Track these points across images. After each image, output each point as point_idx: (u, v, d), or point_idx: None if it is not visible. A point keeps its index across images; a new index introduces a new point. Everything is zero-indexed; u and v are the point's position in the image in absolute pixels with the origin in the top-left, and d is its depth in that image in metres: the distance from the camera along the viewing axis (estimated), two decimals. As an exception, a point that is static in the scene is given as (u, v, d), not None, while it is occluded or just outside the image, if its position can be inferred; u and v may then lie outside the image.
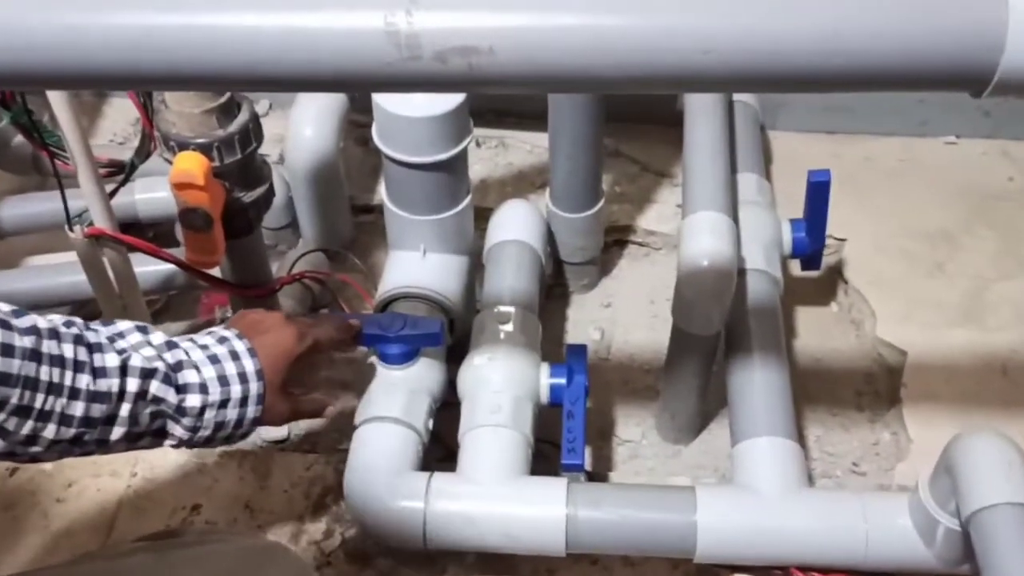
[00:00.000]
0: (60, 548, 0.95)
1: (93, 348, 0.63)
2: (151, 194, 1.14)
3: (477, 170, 1.35)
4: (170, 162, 0.83)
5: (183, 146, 0.83)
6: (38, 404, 0.60)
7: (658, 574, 0.93)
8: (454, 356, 1.00)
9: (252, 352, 0.73)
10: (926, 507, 0.78)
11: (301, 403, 0.80)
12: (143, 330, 0.69)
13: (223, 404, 0.71)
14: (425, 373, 0.95)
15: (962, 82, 0.52)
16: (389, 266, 1.03)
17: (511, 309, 0.99)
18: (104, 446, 0.66)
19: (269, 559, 0.68)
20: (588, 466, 1.04)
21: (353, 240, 1.26)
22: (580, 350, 0.98)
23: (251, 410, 0.73)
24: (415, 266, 1.01)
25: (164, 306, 1.16)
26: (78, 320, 0.65)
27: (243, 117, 0.85)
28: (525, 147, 1.39)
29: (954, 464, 0.74)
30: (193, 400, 0.69)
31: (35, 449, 0.62)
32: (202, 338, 0.73)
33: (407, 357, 0.94)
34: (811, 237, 1.06)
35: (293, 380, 0.78)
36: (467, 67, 0.52)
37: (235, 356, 0.72)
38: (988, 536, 0.70)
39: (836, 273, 1.22)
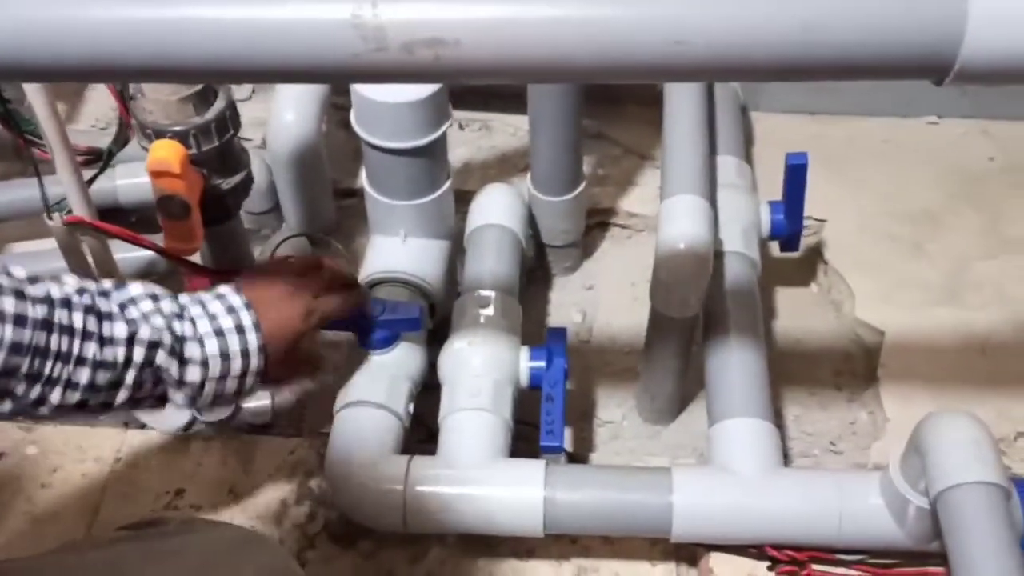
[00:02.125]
0: (45, 534, 0.96)
1: (103, 317, 0.65)
2: (132, 180, 1.14)
3: (460, 153, 1.36)
4: (147, 150, 0.83)
5: (160, 134, 0.83)
6: (46, 371, 0.62)
7: (636, 552, 0.95)
8: (435, 340, 1.01)
9: (257, 327, 0.74)
10: (897, 486, 0.79)
11: (297, 367, 0.81)
12: (154, 298, 0.70)
13: (222, 378, 0.72)
14: (406, 358, 0.96)
15: (925, 71, 0.53)
16: (370, 251, 1.04)
17: (491, 293, 1.00)
18: (108, 408, 0.68)
19: (249, 549, 0.68)
20: (569, 447, 1.05)
21: (336, 224, 1.26)
22: (560, 333, 0.98)
23: (249, 381, 0.74)
24: (395, 251, 1.02)
25: (147, 291, 1.16)
26: (91, 286, 0.67)
27: (220, 104, 0.85)
28: (508, 130, 1.39)
29: (923, 444, 0.75)
30: (194, 374, 0.70)
31: (42, 410, 0.64)
32: (212, 304, 0.73)
33: (388, 342, 0.94)
34: (789, 219, 1.06)
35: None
36: (434, 58, 0.52)
37: (240, 330, 0.73)
38: (955, 515, 0.71)
39: (816, 254, 1.23)
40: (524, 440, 0.96)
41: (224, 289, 0.76)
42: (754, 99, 1.38)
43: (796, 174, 1.02)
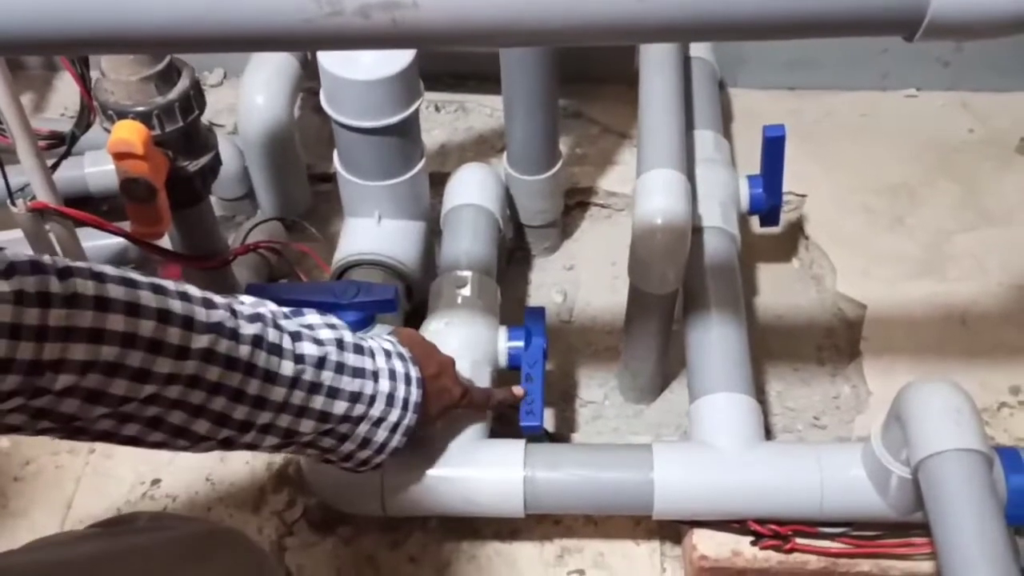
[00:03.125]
0: (18, 527, 0.94)
1: (272, 350, 0.63)
2: (100, 167, 1.12)
3: (436, 135, 1.34)
4: (110, 132, 0.81)
5: (122, 115, 0.81)
6: (198, 402, 0.60)
7: (620, 531, 0.94)
8: (413, 322, 1.00)
9: (421, 383, 0.75)
10: (878, 457, 0.78)
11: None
12: (332, 327, 0.70)
13: (377, 423, 0.72)
14: (382, 340, 0.94)
15: (895, 25, 0.52)
16: (344, 234, 1.02)
17: (468, 273, 0.98)
18: (253, 448, 0.67)
19: (221, 545, 0.67)
20: (551, 428, 1.04)
21: (311, 209, 1.24)
22: (538, 313, 0.97)
23: (396, 439, 0.74)
24: (370, 233, 1.00)
25: (120, 281, 1.14)
26: (268, 311, 0.65)
27: (183, 84, 0.83)
28: (485, 111, 1.38)
29: (903, 413, 0.75)
30: (359, 411, 0.70)
31: (180, 443, 0.62)
32: (385, 343, 0.75)
33: (362, 324, 0.92)
34: (768, 193, 1.05)
35: None
36: (391, 22, 0.51)
37: (408, 380, 0.73)
38: (936, 482, 0.70)
39: (797, 229, 1.22)
40: (504, 422, 0.95)
41: (391, 337, 0.77)
42: (732, 75, 1.37)
43: (774, 146, 1.01)
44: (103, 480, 0.98)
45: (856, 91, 1.37)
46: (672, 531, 0.93)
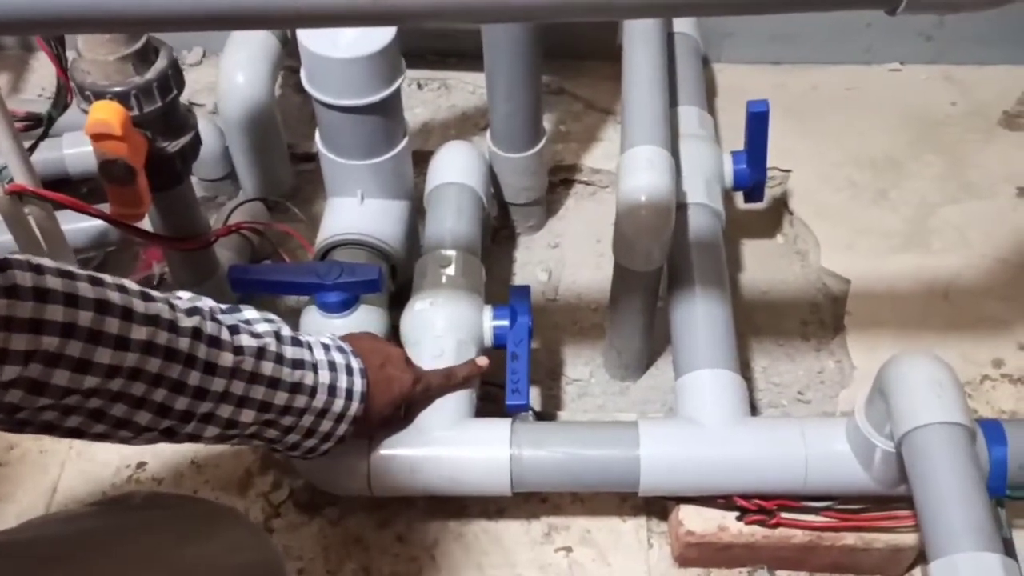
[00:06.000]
0: (5, 512, 0.94)
1: (211, 342, 0.64)
2: (79, 149, 1.10)
3: (419, 113, 1.33)
4: (87, 112, 0.80)
5: (99, 95, 0.80)
6: (139, 393, 0.61)
7: (607, 508, 0.94)
8: (398, 302, 0.99)
9: (363, 373, 0.76)
10: (862, 431, 0.78)
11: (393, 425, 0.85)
12: (270, 321, 0.72)
13: (321, 414, 0.73)
14: (366, 320, 0.94)
15: (878, -2, 0.51)
16: (327, 213, 1.02)
17: (452, 252, 0.98)
18: (195, 440, 0.68)
19: (221, 524, 0.67)
20: (537, 406, 1.04)
21: (294, 189, 1.23)
22: (523, 291, 0.97)
23: (342, 428, 0.76)
24: (353, 212, 1.00)
25: (101, 264, 1.13)
26: (205, 305, 0.66)
27: (161, 63, 0.82)
28: (468, 88, 1.37)
29: (887, 387, 0.75)
30: (300, 402, 0.71)
31: (123, 433, 0.63)
32: (323, 338, 0.76)
33: (347, 305, 0.93)
34: (752, 168, 1.05)
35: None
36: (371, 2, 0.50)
37: (349, 371, 0.75)
38: (919, 456, 0.71)
39: (781, 204, 1.22)
40: (490, 400, 0.95)
41: (331, 335, 0.78)
42: (716, 50, 1.36)
43: (757, 122, 1.01)
44: (88, 464, 0.98)
45: (840, 65, 1.37)
46: (658, 507, 0.94)
